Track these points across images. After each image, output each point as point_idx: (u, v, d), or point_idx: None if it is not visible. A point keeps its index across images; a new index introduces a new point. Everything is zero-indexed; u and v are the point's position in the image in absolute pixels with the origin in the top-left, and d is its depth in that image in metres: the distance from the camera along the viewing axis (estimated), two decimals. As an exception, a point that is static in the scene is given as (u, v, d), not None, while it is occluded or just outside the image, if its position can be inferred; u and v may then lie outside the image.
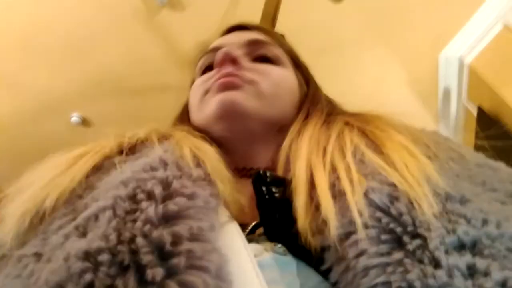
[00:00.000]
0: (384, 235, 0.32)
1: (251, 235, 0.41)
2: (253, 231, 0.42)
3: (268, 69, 0.56)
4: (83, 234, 0.31)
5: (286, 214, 0.39)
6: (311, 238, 0.35)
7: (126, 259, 0.27)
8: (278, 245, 0.38)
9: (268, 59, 0.58)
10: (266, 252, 0.37)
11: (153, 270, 0.27)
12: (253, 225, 0.42)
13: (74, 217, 0.34)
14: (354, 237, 0.32)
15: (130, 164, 0.39)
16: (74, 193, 0.38)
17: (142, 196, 0.32)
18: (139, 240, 0.28)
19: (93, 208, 0.33)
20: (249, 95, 0.51)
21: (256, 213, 0.42)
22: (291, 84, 0.58)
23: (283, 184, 0.42)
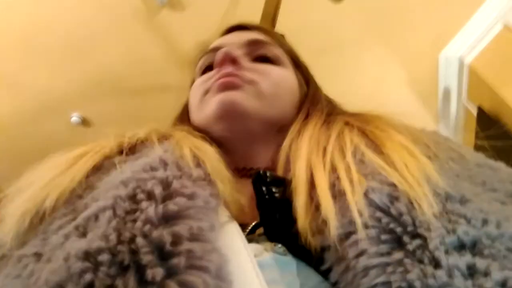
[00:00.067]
0: (384, 235, 0.32)
1: (251, 235, 0.41)
2: (253, 231, 0.42)
3: (268, 69, 0.56)
4: (83, 234, 0.31)
5: (286, 214, 0.39)
6: (311, 238, 0.35)
7: (126, 259, 0.27)
8: (278, 245, 0.38)
9: (268, 59, 0.58)
10: (266, 252, 0.37)
11: (153, 270, 0.27)
12: (253, 225, 0.42)
13: (74, 217, 0.34)
14: (354, 237, 0.32)
15: (130, 164, 0.39)
16: (74, 193, 0.38)
17: (142, 196, 0.32)
18: (139, 240, 0.28)
19: (93, 208, 0.33)
20: (249, 95, 0.51)
21: (256, 213, 0.42)
22: (291, 84, 0.58)
23: (283, 184, 0.42)
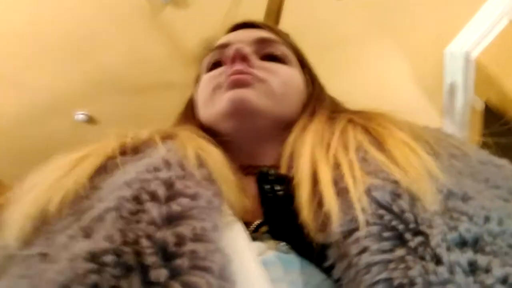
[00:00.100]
0: (386, 232, 0.32)
1: (255, 234, 0.41)
2: (257, 230, 0.42)
3: (277, 68, 0.56)
4: (88, 235, 0.31)
5: (290, 212, 0.39)
6: (314, 235, 0.36)
7: (131, 260, 0.27)
8: (282, 243, 0.38)
9: (276, 58, 0.58)
10: (270, 251, 0.37)
11: (157, 271, 0.27)
12: (257, 224, 0.42)
13: (79, 218, 0.34)
14: (357, 234, 0.33)
15: (134, 165, 0.40)
16: (78, 194, 0.38)
17: (146, 197, 0.32)
18: (143, 241, 0.28)
19: (98, 209, 0.33)
20: (260, 94, 0.51)
21: (260, 211, 0.42)
22: (298, 83, 0.58)
23: (287, 181, 0.43)
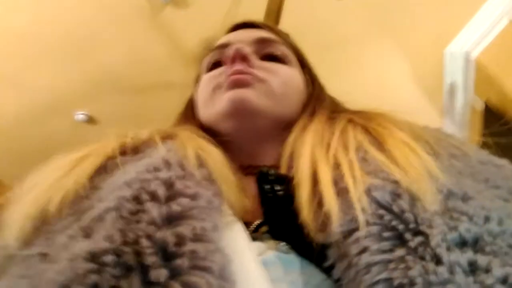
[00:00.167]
0: (386, 232, 0.32)
1: (255, 234, 0.41)
2: (257, 230, 0.42)
3: (277, 68, 0.56)
4: (88, 235, 0.31)
5: (290, 212, 0.39)
6: (314, 235, 0.36)
7: (131, 260, 0.27)
8: (282, 243, 0.38)
9: (276, 58, 0.57)
10: (270, 250, 0.37)
11: (157, 271, 0.27)
12: (257, 224, 0.42)
13: (79, 218, 0.34)
14: (357, 234, 0.33)
15: (134, 165, 0.40)
16: (78, 194, 0.38)
17: (146, 197, 0.32)
18: (143, 241, 0.28)
19: (98, 209, 0.33)
20: (260, 94, 0.51)
21: (260, 211, 0.42)
22: (299, 83, 0.58)
23: (287, 181, 0.43)
